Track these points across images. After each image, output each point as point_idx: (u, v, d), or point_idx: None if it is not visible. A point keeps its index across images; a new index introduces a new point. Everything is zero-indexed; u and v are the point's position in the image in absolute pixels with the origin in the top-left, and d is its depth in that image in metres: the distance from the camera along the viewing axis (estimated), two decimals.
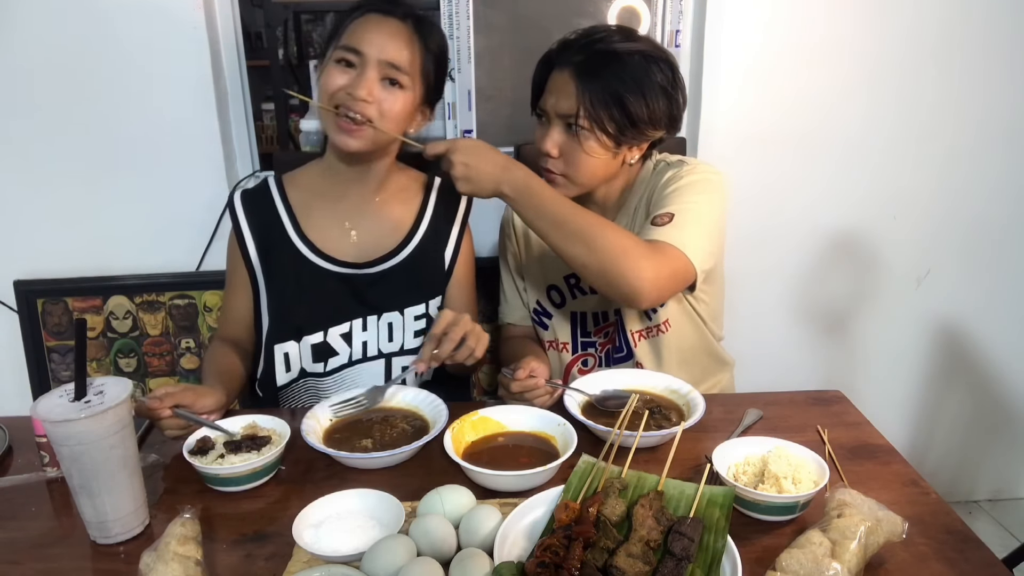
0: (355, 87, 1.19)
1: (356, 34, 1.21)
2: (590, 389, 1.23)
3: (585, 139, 1.25)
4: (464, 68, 1.93)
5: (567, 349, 1.49)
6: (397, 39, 1.22)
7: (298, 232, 1.34)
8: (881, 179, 2.01)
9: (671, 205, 1.26)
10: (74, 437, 0.88)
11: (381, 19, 1.23)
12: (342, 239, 1.36)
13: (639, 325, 1.40)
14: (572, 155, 1.27)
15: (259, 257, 1.34)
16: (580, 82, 1.24)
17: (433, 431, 1.11)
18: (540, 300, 1.49)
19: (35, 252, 1.87)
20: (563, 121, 1.27)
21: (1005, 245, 2.11)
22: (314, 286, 1.34)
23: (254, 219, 1.35)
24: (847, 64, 1.90)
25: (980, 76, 1.94)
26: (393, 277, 1.36)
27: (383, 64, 1.21)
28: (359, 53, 1.20)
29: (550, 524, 0.90)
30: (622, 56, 1.24)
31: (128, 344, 1.91)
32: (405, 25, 1.24)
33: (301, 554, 0.88)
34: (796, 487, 0.94)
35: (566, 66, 1.26)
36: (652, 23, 1.99)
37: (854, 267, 2.09)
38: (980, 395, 2.26)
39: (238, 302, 1.37)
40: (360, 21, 1.23)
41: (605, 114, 1.23)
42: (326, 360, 1.36)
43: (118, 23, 1.71)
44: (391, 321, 1.37)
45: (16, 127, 1.77)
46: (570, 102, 1.24)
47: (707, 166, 1.35)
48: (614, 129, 1.24)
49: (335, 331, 1.35)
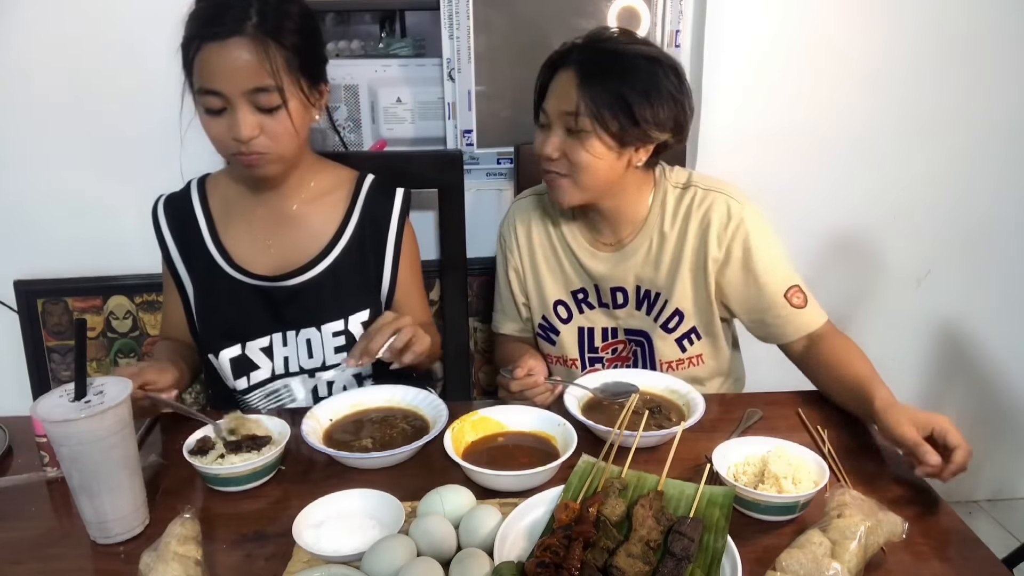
0: (235, 131, 1.12)
1: (205, 74, 1.11)
2: (590, 386, 1.23)
3: (587, 139, 1.22)
4: (464, 68, 1.93)
5: (576, 365, 1.45)
6: (246, 61, 1.09)
7: (215, 242, 1.30)
8: (882, 179, 2.01)
9: (781, 270, 1.30)
10: (74, 437, 0.88)
11: (219, 47, 1.09)
12: (258, 250, 1.30)
13: (672, 356, 1.39)
14: (574, 156, 1.24)
15: (183, 265, 1.31)
16: (583, 81, 1.21)
17: (433, 431, 1.10)
18: (547, 316, 1.44)
19: (35, 252, 1.87)
20: (564, 122, 1.24)
21: (1006, 245, 2.11)
22: (230, 298, 1.28)
23: (174, 225, 1.31)
24: (847, 65, 1.90)
25: (981, 76, 1.94)
26: (309, 291, 1.29)
27: (248, 95, 1.11)
28: (219, 94, 1.11)
29: (550, 524, 0.90)
30: (626, 56, 1.22)
31: (128, 344, 1.91)
32: (249, 39, 1.10)
33: (301, 554, 0.88)
34: (796, 487, 0.94)
35: (569, 67, 1.24)
36: (652, 23, 1.99)
37: (854, 267, 2.09)
38: (980, 395, 2.26)
39: (171, 308, 1.35)
40: (202, 57, 1.10)
41: (607, 113, 1.20)
42: (248, 374, 1.31)
43: (118, 22, 1.71)
44: (309, 337, 1.30)
45: (16, 127, 1.77)
46: (572, 101, 1.22)
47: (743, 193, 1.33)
48: (616, 128, 1.21)
49: (254, 345, 1.30)
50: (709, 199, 1.32)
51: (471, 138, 2.00)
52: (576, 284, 1.41)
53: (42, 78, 1.74)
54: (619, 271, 1.36)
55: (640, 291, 1.37)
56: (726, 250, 1.30)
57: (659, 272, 1.34)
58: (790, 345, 1.33)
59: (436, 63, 1.93)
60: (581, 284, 1.40)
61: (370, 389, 1.25)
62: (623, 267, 1.36)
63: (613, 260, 1.36)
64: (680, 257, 1.33)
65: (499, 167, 2.01)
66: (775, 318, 1.31)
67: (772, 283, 1.30)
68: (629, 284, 1.37)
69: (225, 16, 1.10)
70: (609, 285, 1.37)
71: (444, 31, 1.90)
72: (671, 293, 1.34)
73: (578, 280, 1.40)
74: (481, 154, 2.01)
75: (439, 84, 1.94)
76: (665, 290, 1.35)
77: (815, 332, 1.30)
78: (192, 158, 1.81)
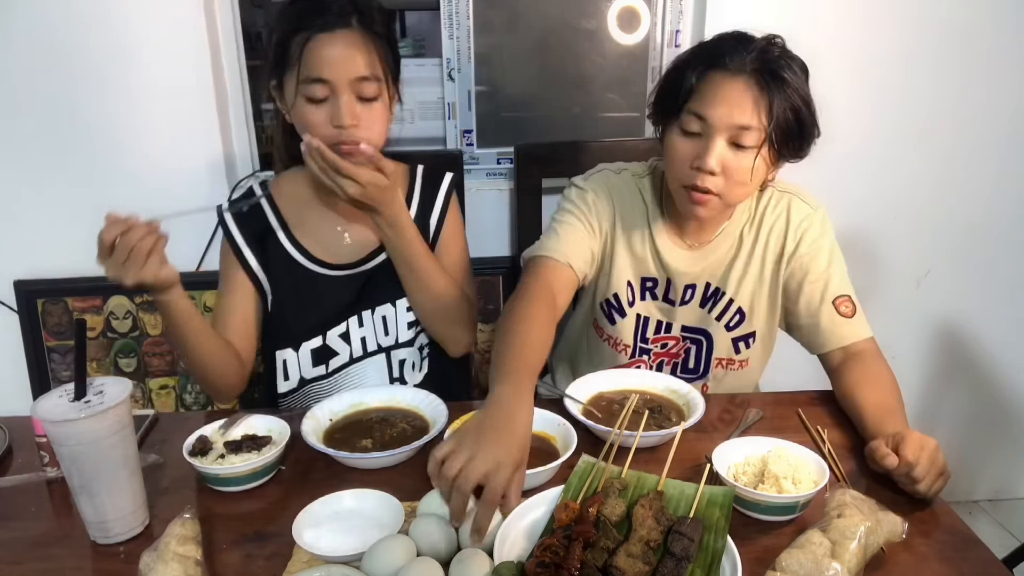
0: (338, 118, 1.16)
1: (314, 63, 1.15)
2: (589, 391, 1.23)
3: (750, 153, 1.15)
4: (464, 68, 1.93)
5: (627, 352, 1.41)
6: (356, 52, 1.16)
7: (291, 240, 1.33)
8: (881, 179, 2.01)
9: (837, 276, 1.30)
10: (74, 437, 0.88)
11: (332, 36, 1.16)
12: (336, 243, 1.35)
13: (725, 355, 1.38)
14: (736, 173, 1.16)
15: (260, 268, 1.33)
16: (764, 93, 1.12)
17: (433, 431, 1.11)
18: (618, 294, 1.37)
19: (35, 252, 1.87)
20: (732, 135, 1.14)
21: (1005, 245, 2.11)
22: (312, 292, 1.33)
23: (247, 230, 1.33)
24: (847, 64, 1.90)
25: (981, 76, 1.94)
26: (386, 269, 1.34)
27: (353, 83, 1.17)
28: (326, 82, 1.16)
29: (550, 524, 0.90)
30: (794, 65, 1.16)
31: (128, 344, 1.91)
32: (356, 31, 1.17)
33: (301, 554, 0.88)
34: (796, 487, 0.94)
35: (739, 74, 1.14)
36: (652, 23, 1.99)
37: (854, 267, 2.05)
38: (980, 395, 2.26)
39: (233, 308, 1.34)
40: (312, 47, 1.15)
41: (784, 129, 1.14)
42: (327, 362, 1.35)
43: (118, 23, 1.71)
44: (384, 315, 1.36)
45: (16, 127, 1.77)
46: (748, 114, 1.12)
47: (815, 199, 1.33)
48: (783, 144, 1.16)
49: (333, 333, 1.35)
50: (785, 200, 1.32)
51: (471, 138, 2.00)
52: (650, 272, 1.36)
53: (42, 78, 1.74)
54: (696, 269, 1.34)
55: (709, 288, 1.35)
56: (794, 248, 1.30)
57: (732, 271, 1.33)
58: (828, 356, 1.30)
59: (436, 63, 1.93)
60: (655, 274, 1.37)
61: (370, 389, 1.25)
62: (701, 265, 1.34)
63: (693, 258, 1.34)
64: (752, 257, 1.32)
65: (499, 167, 2.01)
66: (820, 323, 1.29)
67: (826, 286, 1.29)
68: (701, 282, 1.35)
69: (331, 9, 1.16)
70: (684, 282, 1.35)
71: (444, 31, 1.90)
72: (738, 292, 1.34)
73: (653, 269, 1.36)
74: (481, 154, 2.01)
75: (439, 84, 1.94)
76: (733, 289, 1.34)
77: (853, 347, 1.27)
78: (186, 166, 1.83)
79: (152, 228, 1.04)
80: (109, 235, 1.03)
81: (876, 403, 1.15)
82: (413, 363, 1.40)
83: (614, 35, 2.01)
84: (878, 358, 1.27)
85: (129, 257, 1.03)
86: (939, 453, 0.99)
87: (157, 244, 1.05)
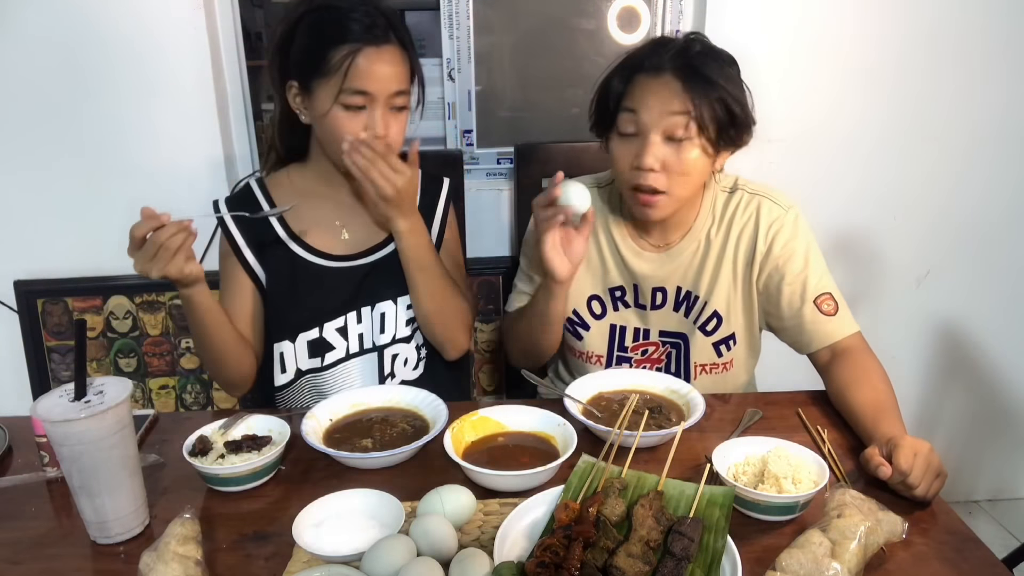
0: (375, 128, 1.21)
1: (358, 75, 1.19)
2: (589, 391, 1.23)
3: (688, 147, 1.18)
4: (464, 68, 1.93)
5: (600, 362, 1.43)
6: (396, 67, 1.22)
7: (288, 232, 1.34)
8: (881, 179, 2.01)
9: (816, 275, 1.29)
10: (74, 437, 0.88)
11: (379, 51, 1.20)
12: (333, 237, 1.36)
13: (706, 359, 1.38)
14: (676, 167, 1.19)
15: (257, 260, 1.34)
16: (687, 85, 1.16)
17: (433, 431, 1.10)
18: (578, 310, 1.41)
19: (35, 252, 1.87)
20: (665, 130, 1.18)
21: (1005, 245, 2.11)
22: (309, 284, 1.34)
23: (243, 223, 1.33)
24: (847, 63, 1.90)
25: (981, 76, 1.94)
26: (386, 266, 1.36)
27: (390, 96, 1.22)
28: (366, 94, 1.20)
29: (550, 524, 0.90)
30: (720, 58, 1.20)
31: (128, 344, 1.91)
32: (396, 47, 1.22)
33: (301, 554, 0.88)
34: (796, 487, 0.94)
35: (663, 72, 1.18)
36: (652, 23, 1.99)
37: (854, 267, 2.09)
38: (980, 395, 2.26)
39: (235, 306, 1.35)
40: (358, 61, 1.19)
41: (714, 117, 1.17)
42: (323, 355, 1.36)
43: (118, 23, 1.71)
44: (383, 311, 1.37)
45: (16, 127, 1.77)
46: (677, 106, 1.16)
47: (788, 198, 1.33)
48: (720, 132, 1.18)
49: (330, 326, 1.35)
50: (755, 203, 1.32)
51: (471, 138, 2.00)
52: (616, 282, 1.38)
53: (42, 78, 1.74)
54: (663, 272, 1.35)
55: (680, 292, 1.36)
56: (766, 250, 1.30)
57: (702, 274, 1.33)
58: (816, 356, 1.31)
59: (436, 63, 1.93)
60: (621, 282, 1.38)
61: (370, 389, 1.25)
62: (668, 268, 1.34)
63: (659, 261, 1.35)
64: (723, 259, 1.32)
65: (499, 167, 2.01)
66: (803, 323, 1.29)
67: (804, 286, 1.29)
68: (671, 285, 1.36)
69: (378, 24, 1.21)
70: (651, 285, 1.36)
71: (444, 31, 1.90)
72: (711, 295, 1.33)
73: (619, 278, 1.38)
74: (481, 154, 2.01)
75: (439, 84, 1.94)
76: (705, 292, 1.34)
77: (839, 344, 1.27)
78: (186, 166, 1.82)
79: (183, 226, 1.08)
80: (140, 230, 1.07)
81: (868, 403, 1.15)
82: (406, 359, 1.40)
83: (614, 35, 2.01)
84: (866, 353, 1.27)
85: (157, 253, 1.06)
86: (933, 455, 0.99)
87: (186, 242, 1.08)
